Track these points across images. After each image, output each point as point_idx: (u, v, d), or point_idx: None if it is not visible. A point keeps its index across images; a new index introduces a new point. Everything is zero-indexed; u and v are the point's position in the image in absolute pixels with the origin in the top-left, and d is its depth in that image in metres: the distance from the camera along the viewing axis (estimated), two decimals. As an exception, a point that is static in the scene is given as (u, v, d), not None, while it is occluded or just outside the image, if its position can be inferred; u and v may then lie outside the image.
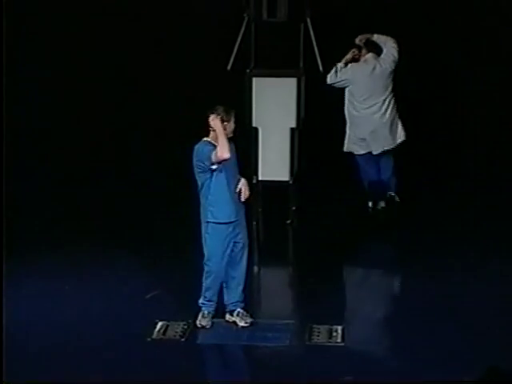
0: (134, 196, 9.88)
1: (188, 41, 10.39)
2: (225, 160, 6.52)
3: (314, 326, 6.82)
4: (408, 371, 6.15)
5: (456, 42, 10.28)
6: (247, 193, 6.80)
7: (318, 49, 7.72)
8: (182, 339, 6.71)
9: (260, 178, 7.92)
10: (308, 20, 7.72)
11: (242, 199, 6.77)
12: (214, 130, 6.61)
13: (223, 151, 6.48)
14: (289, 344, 6.62)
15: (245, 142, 8.04)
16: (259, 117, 7.89)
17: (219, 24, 9.70)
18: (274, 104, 7.84)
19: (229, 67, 7.86)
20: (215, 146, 6.56)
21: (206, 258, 6.77)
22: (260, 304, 7.45)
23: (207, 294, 6.83)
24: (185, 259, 7.74)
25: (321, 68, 7.81)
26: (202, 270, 6.82)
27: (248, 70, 7.89)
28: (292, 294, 7.80)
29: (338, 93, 9.11)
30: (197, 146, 6.68)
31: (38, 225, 9.06)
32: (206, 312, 6.86)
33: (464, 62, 10.39)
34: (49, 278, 7.75)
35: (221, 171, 6.61)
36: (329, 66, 7.93)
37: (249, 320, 6.85)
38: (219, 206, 6.68)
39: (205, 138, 6.69)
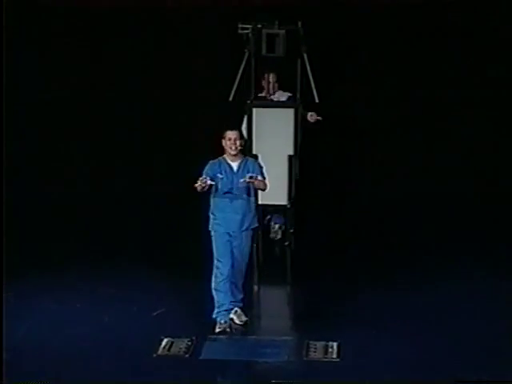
0: (146, 214, 10.00)
1: (193, 73, 10.55)
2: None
3: (311, 342, 6.87)
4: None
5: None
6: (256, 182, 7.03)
7: (314, 81, 7.84)
8: (186, 355, 6.73)
9: (260, 202, 7.99)
10: (304, 55, 7.85)
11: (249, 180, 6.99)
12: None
13: None
14: (287, 359, 6.65)
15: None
16: (259, 144, 8.01)
17: (222, 58, 9.86)
18: (273, 133, 7.98)
19: (230, 98, 7.98)
20: (220, 163, 7.03)
21: (215, 260, 7.04)
22: (260, 321, 7.51)
23: (220, 299, 7.04)
24: (189, 279, 7.80)
25: (316, 99, 7.93)
26: (207, 289, 6.89)
27: (248, 101, 8.02)
28: (290, 311, 7.85)
29: (333, 122, 9.25)
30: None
31: (45, 243, 9.15)
32: (222, 321, 7.08)
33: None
34: (60, 296, 7.80)
35: (221, 182, 6.96)
36: (324, 96, 8.03)
37: (244, 318, 7.14)
38: (215, 216, 7.04)
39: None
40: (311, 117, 8.22)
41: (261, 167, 7.15)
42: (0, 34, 8.98)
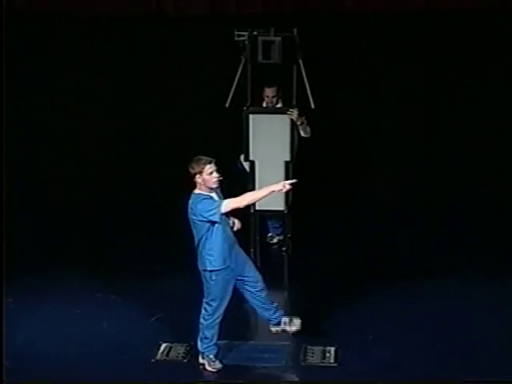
0: (144, 217, 9.93)
1: (191, 80, 10.48)
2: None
3: (309, 347, 6.85)
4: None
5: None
6: (239, 225, 6.65)
7: (310, 87, 7.79)
8: (185, 360, 6.73)
9: (257, 208, 7.96)
10: (300, 62, 7.81)
11: (235, 229, 6.62)
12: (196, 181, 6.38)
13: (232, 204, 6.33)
14: (285, 364, 6.64)
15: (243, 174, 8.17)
16: (256, 151, 7.94)
17: (219, 65, 9.79)
18: (270, 139, 7.90)
19: (227, 104, 7.94)
20: (211, 197, 6.38)
21: (209, 299, 6.56)
22: (257, 326, 7.45)
23: (208, 334, 6.58)
24: (187, 284, 7.75)
25: (312, 105, 7.87)
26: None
27: (245, 108, 7.96)
28: (288, 316, 7.82)
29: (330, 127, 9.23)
30: (192, 201, 6.41)
31: (45, 250, 9.06)
32: (211, 356, 6.62)
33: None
34: (59, 302, 7.77)
35: (220, 221, 6.39)
36: (320, 102, 7.99)
37: (298, 322, 6.77)
38: (217, 254, 6.44)
39: (196, 191, 6.43)
40: (292, 114, 7.90)
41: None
42: (0, 34, 8.90)
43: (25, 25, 10.25)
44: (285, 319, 6.84)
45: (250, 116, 7.89)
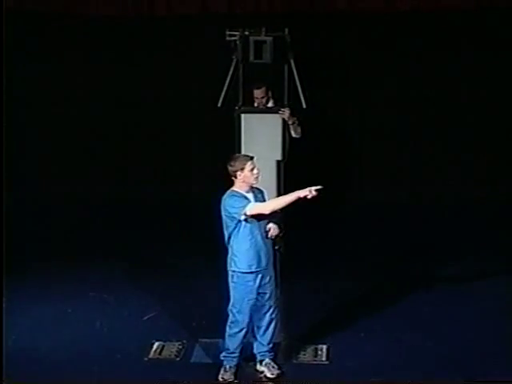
0: (134, 217, 9.92)
1: (183, 80, 10.46)
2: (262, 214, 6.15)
3: (301, 345, 6.83)
4: None
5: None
6: (275, 232, 6.40)
7: (301, 87, 7.76)
8: (177, 358, 6.71)
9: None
10: (291, 62, 7.78)
11: (269, 236, 6.37)
12: (236, 178, 6.23)
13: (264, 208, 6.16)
14: (278, 362, 6.54)
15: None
16: (247, 150, 7.86)
17: (210, 65, 9.76)
18: (261, 138, 7.88)
19: (219, 104, 7.90)
20: (245, 197, 6.20)
21: (230, 305, 6.34)
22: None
23: (230, 345, 6.37)
24: (181, 281, 7.74)
25: (304, 104, 7.85)
26: (198, 293, 6.79)
27: (237, 107, 7.93)
28: (280, 315, 7.78)
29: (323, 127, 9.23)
30: (224, 197, 6.24)
31: (39, 246, 9.06)
32: (227, 366, 6.41)
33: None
34: (52, 301, 7.75)
35: (247, 221, 6.21)
36: (311, 102, 7.96)
37: (276, 372, 6.41)
38: (242, 256, 6.23)
39: (233, 188, 6.26)
40: (283, 113, 7.86)
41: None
42: (0, 35, 8.90)
43: (16, 23, 10.20)
44: (267, 361, 6.47)
45: (242, 115, 7.87)
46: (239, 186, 6.26)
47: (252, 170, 6.24)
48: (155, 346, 6.87)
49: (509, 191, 10.17)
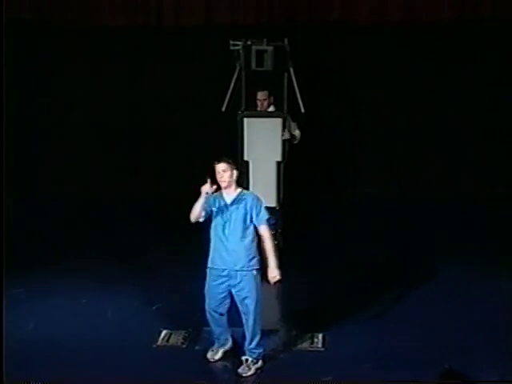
0: (140, 213, 10.02)
1: (189, 86, 10.62)
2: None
3: (299, 333, 6.93)
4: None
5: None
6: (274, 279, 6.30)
7: (300, 92, 7.91)
8: (184, 345, 6.79)
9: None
10: (291, 69, 7.94)
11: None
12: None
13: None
14: (276, 349, 6.70)
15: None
16: (250, 152, 8.09)
17: (216, 72, 9.92)
18: (262, 141, 8.05)
19: (223, 109, 8.04)
20: (219, 195, 6.16)
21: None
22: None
23: (214, 330, 6.51)
24: (187, 273, 7.81)
25: (302, 109, 8.00)
26: (202, 285, 6.91)
27: (239, 112, 8.09)
28: (279, 306, 7.91)
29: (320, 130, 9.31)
30: None
31: (49, 239, 9.16)
32: (214, 348, 6.56)
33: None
34: (67, 292, 7.86)
35: (215, 217, 6.20)
36: (309, 107, 8.11)
37: (247, 372, 6.28)
38: (211, 251, 6.29)
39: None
40: (285, 135, 8.04)
41: (260, 201, 6.23)
42: (0, 37, 9.02)
43: (31, 34, 10.34)
44: (246, 358, 6.37)
45: (245, 119, 8.04)
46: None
47: (219, 173, 6.15)
48: (163, 334, 6.95)
49: (509, 191, 10.22)
